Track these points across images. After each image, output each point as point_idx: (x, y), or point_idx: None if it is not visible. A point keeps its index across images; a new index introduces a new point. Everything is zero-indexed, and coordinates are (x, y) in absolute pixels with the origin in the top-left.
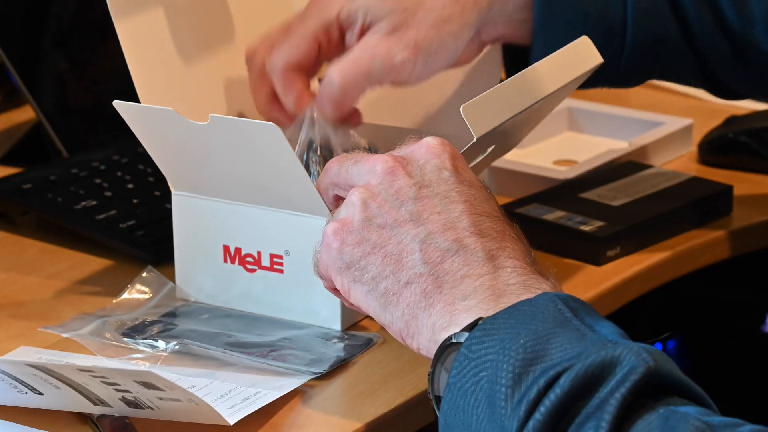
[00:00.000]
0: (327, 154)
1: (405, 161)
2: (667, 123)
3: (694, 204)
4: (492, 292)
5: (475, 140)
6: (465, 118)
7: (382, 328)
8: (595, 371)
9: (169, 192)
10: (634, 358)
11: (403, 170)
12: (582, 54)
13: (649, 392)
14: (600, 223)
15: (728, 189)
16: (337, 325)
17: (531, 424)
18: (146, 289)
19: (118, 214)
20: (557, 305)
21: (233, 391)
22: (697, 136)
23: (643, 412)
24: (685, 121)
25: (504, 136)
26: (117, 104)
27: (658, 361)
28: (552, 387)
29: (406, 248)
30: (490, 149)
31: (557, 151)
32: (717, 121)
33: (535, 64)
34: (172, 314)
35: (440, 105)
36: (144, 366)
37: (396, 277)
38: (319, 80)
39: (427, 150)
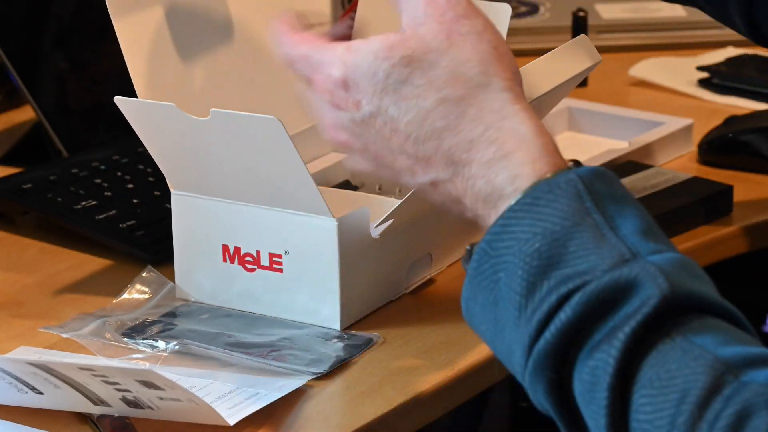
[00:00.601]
0: None
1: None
2: (667, 123)
3: (694, 204)
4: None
5: None
6: None
7: (382, 328)
8: (608, 295)
9: (169, 192)
10: (649, 285)
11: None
12: (581, 52)
13: (667, 314)
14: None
15: (728, 189)
16: (336, 325)
17: (541, 342)
18: (146, 289)
19: (118, 214)
20: (579, 191)
21: (233, 392)
22: (697, 136)
23: (659, 342)
24: (685, 121)
25: None
26: (117, 100)
27: (675, 283)
28: (563, 306)
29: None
30: None
31: None
32: (717, 121)
33: (533, 62)
34: (172, 314)
35: None
36: (144, 366)
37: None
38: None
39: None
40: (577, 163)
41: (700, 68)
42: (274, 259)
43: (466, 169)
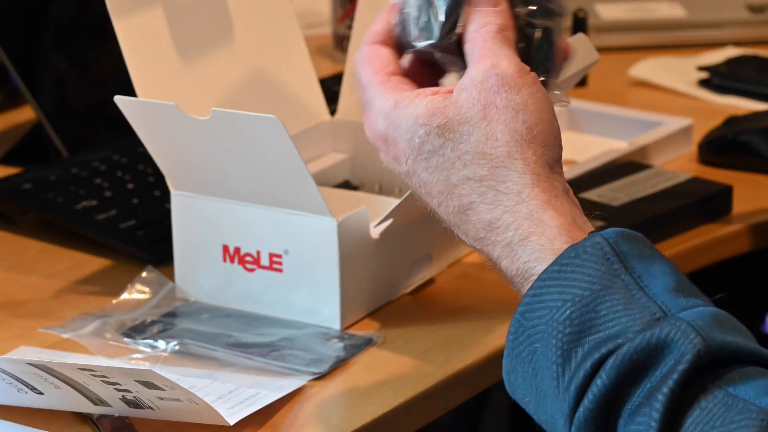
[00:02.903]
0: None
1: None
2: (667, 123)
3: (694, 204)
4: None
5: None
6: None
7: (382, 328)
8: (641, 356)
9: (169, 192)
10: (682, 342)
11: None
12: (579, 51)
13: (704, 371)
14: (600, 223)
15: (728, 189)
16: (336, 325)
17: (581, 410)
18: (146, 289)
19: (118, 214)
20: (605, 253)
21: (233, 392)
22: (697, 136)
23: (698, 397)
24: (685, 121)
25: None
26: (118, 100)
27: (708, 338)
28: (599, 372)
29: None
30: None
31: None
32: (717, 121)
33: None
34: (172, 314)
35: None
36: (144, 366)
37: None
38: None
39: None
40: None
41: (700, 68)
42: (274, 259)
43: (490, 248)
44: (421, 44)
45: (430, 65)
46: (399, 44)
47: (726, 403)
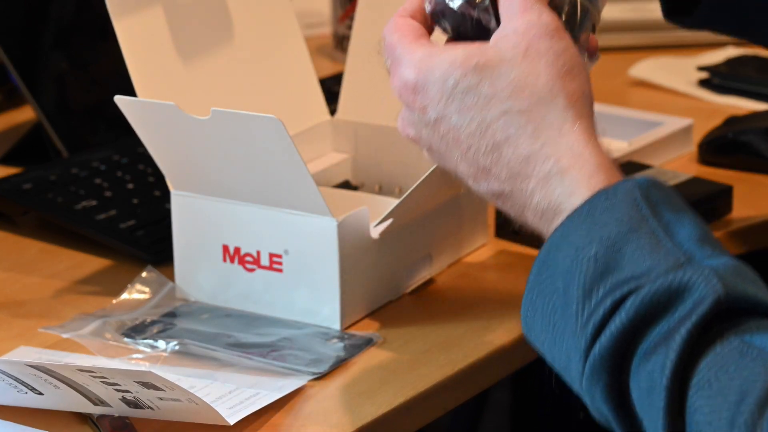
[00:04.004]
0: None
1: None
2: (667, 123)
3: (694, 204)
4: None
5: None
6: None
7: (382, 328)
8: (662, 298)
9: (169, 192)
10: (704, 286)
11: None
12: None
13: (721, 317)
14: None
15: (728, 189)
16: (336, 325)
17: (597, 347)
18: (146, 289)
19: (118, 214)
20: (636, 199)
21: (233, 392)
22: (697, 136)
23: (714, 342)
24: (685, 121)
25: None
26: (118, 99)
27: (729, 285)
28: (618, 311)
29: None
30: None
31: None
32: (717, 121)
33: None
34: (172, 314)
35: None
36: (144, 366)
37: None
38: None
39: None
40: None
41: (700, 68)
42: (274, 259)
43: (524, 183)
44: (457, 3)
45: None
46: (430, 19)
47: (741, 350)
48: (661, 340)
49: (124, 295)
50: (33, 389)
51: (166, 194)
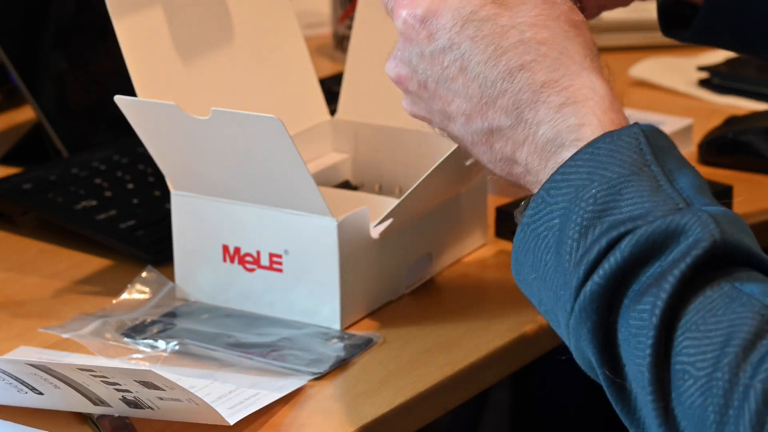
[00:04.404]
0: None
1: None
2: (667, 123)
3: None
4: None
5: None
6: None
7: (382, 328)
8: (657, 239)
9: (169, 192)
10: (700, 230)
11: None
12: None
13: (715, 263)
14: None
15: (728, 189)
16: (336, 325)
17: (589, 286)
18: (146, 289)
19: (118, 214)
20: (640, 143)
21: (233, 392)
22: (697, 136)
23: (706, 287)
24: (685, 121)
25: None
26: (118, 99)
27: (726, 232)
28: (613, 250)
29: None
30: None
31: None
32: (717, 121)
33: None
34: (172, 314)
35: None
36: (144, 366)
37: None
38: None
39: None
40: None
41: (700, 68)
42: (274, 259)
43: (532, 113)
44: None
45: None
46: None
47: (731, 295)
48: (654, 281)
49: (124, 295)
50: (33, 389)
51: (166, 194)
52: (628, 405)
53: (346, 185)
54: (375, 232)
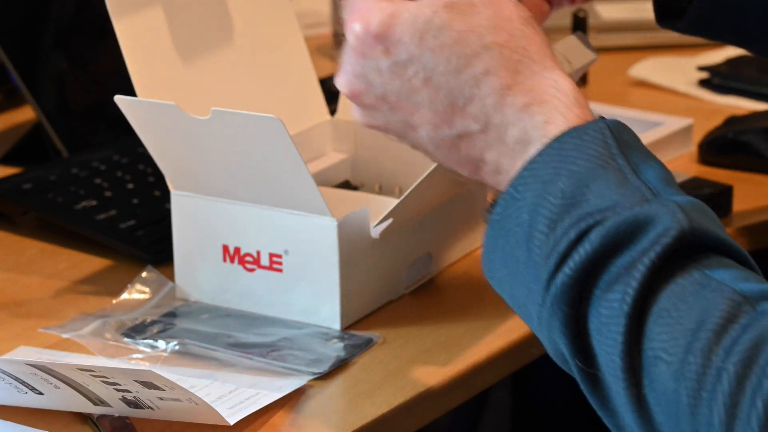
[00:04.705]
0: None
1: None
2: (667, 123)
3: None
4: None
5: None
6: None
7: (382, 328)
8: (626, 229)
9: (169, 192)
10: (668, 219)
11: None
12: (577, 49)
13: (684, 251)
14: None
15: (728, 189)
16: (336, 325)
17: (559, 278)
18: (146, 289)
19: (118, 214)
20: (605, 137)
21: (233, 392)
22: (697, 136)
23: (676, 274)
24: (685, 121)
25: None
26: (118, 99)
27: (694, 220)
28: (582, 241)
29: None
30: None
31: None
32: (717, 121)
33: None
34: (172, 314)
35: None
36: (144, 366)
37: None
38: None
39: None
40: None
41: (700, 68)
42: (274, 259)
43: (500, 115)
44: None
45: None
46: None
47: (701, 281)
48: (624, 271)
49: (124, 295)
50: (33, 389)
51: (166, 194)
52: (602, 395)
53: (346, 185)
54: (375, 232)
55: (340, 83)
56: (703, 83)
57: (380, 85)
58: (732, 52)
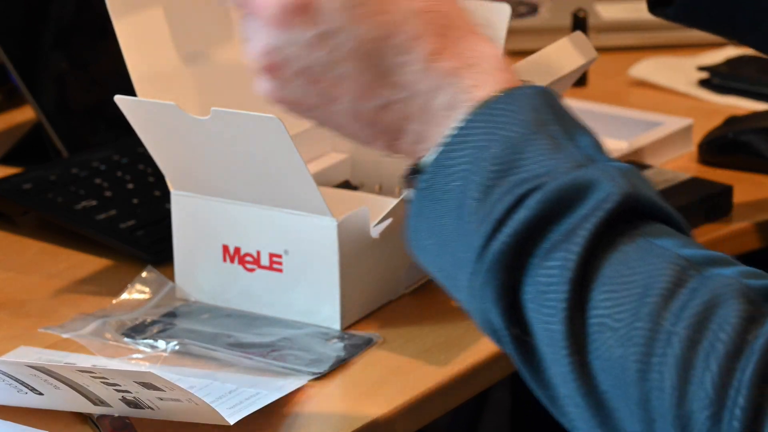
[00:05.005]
0: None
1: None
2: (667, 123)
3: (694, 204)
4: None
5: None
6: None
7: (382, 328)
8: (566, 194)
9: (169, 192)
10: (609, 184)
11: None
12: (576, 49)
13: (625, 217)
14: None
15: (728, 189)
16: (336, 325)
17: (495, 244)
18: (146, 289)
19: (118, 214)
20: (537, 103)
21: (233, 392)
22: (697, 136)
23: (618, 240)
24: (685, 121)
25: None
26: (118, 99)
27: (635, 186)
28: (518, 207)
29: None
30: None
31: None
32: (717, 121)
33: (528, 58)
34: (172, 314)
35: None
36: (144, 366)
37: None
38: None
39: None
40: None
41: (700, 68)
42: (274, 259)
43: (426, 81)
44: None
45: None
46: None
47: (645, 248)
48: (564, 237)
49: (124, 295)
50: (33, 389)
51: (166, 194)
52: (536, 365)
53: (346, 185)
54: (375, 232)
55: (255, 56)
56: (703, 83)
57: (301, 57)
58: (732, 52)
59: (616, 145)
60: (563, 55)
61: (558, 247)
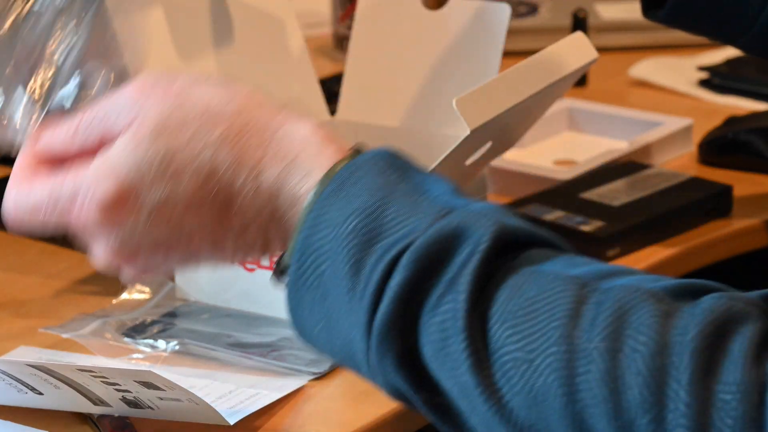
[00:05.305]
0: None
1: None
2: (667, 123)
3: (693, 204)
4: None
5: (469, 133)
6: (458, 110)
7: None
8: (436, 246)
9: None
10: (476, 226)
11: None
12: (576, 49)
13: (503, 253)
14: (600, 224)
15: (728, 189)
16: None
17: (380, 315)
18: (146, 289)
19: None
20: (380, 166)
21: (233, 392)
22: (697, 136)
23: (504, 276)
24: (685, 121)
25: (501, 133)
26: None
27: (500, 220)
28: (393, 270)
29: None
30: (487, 146)
31: (557, 151)
32: (717, 121)
33: (529, 59)
34: (172, 314)
35: (432, 102)
36: (144, 366)
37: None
38: None
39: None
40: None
41: (700, 68)
42: (275, 258)
43: (261, 198)
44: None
45: None
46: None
47: (534, 276)
48: (448, 286)
49: (124, 295)
50: (33, 389)
51: None
52: (455, 421)
53: None
54: None
55: (108, 260)
56: (703, 83)
57: (148, 236)
58: (732, 52)
59: (616, 145)
60: (563, 56)
61: (444, 299)
